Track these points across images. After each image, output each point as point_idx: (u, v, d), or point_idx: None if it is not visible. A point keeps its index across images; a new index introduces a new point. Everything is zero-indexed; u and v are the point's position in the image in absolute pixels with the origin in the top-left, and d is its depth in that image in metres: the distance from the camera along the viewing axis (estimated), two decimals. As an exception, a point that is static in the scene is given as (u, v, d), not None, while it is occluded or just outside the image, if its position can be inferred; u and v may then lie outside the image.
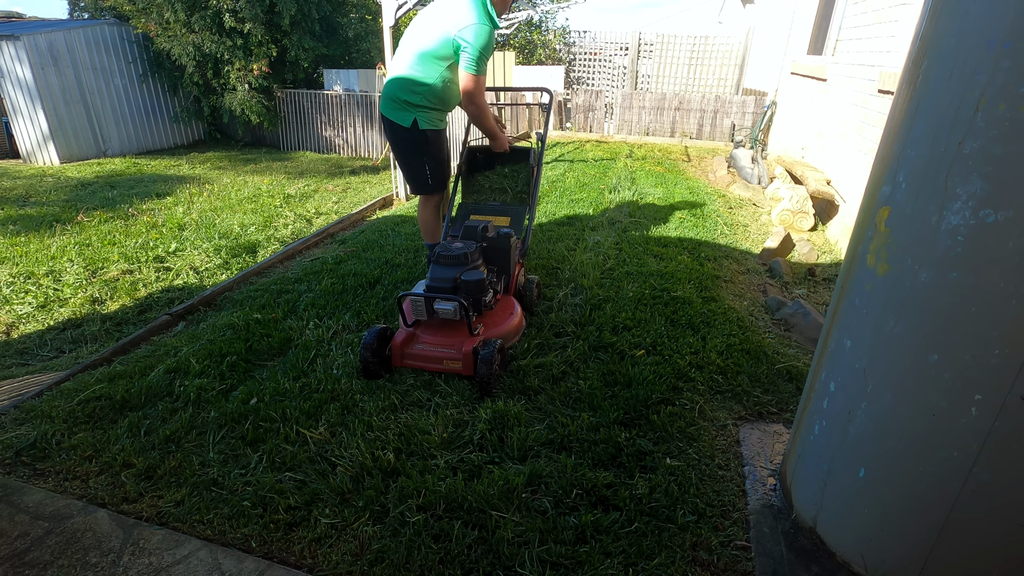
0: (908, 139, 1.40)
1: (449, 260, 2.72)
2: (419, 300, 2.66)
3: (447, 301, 2.60)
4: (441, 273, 2.70)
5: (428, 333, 2.71)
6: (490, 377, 2.48)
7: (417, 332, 2.72)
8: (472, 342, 2.58)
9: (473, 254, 2.76)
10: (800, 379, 2.67)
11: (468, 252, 2.74)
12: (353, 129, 10.41)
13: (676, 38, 12.17)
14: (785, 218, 5.32)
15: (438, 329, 2.72)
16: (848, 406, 1.59)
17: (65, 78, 9.09)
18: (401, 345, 2.65)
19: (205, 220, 5.70)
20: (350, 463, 2.10)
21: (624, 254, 4.24)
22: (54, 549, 1.76)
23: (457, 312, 2.61)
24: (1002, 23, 1.17)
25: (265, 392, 2.54)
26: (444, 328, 2.72)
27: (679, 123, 9.93)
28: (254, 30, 9.20)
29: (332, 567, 1.71)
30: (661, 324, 3.15)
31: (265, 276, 4.10)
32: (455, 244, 2.81)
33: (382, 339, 2.65)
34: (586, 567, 1.70)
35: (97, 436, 2.28)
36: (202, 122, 11.14)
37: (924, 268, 1.35)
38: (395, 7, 5.64)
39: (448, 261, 2.72)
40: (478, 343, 2.58)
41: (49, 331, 3.52)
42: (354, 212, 5.83)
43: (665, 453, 2.17)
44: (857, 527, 1.61)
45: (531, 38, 13.80)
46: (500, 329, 2.79)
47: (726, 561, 1.73)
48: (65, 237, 5.14)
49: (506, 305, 2.98)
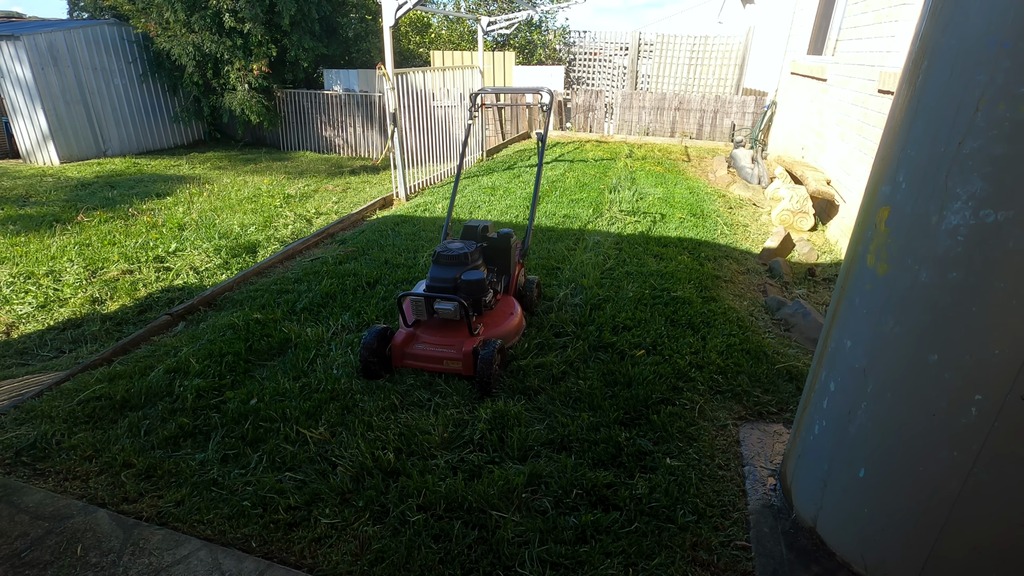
0: (908, 139, 1.40)
1: (449, 260, 2.72)
2: (419, 300, 2.66)
3: (447, 301, 2.59)
4: (441, 273, 2.70)
5: (428, 333, 2.70)
6: (490, 377, 2.47)
7: (417, 332, 2.72)
8: (472, 342, 2.57)
9: (473, 254, 2.76)
10: (800, 379, 2.67)
11: (468, 252, 2.73)
12: (353, 129, 10.41)
13: (676, 38, 12.16)
14: (785, 218, 5.32)
15: (438, 329, 2.71)
16: (848, 406, 1.58)
17: (65, 78, 9.09)
18: (401, 345, 2.64)
19: (205, 220, 5.70)
20: (350, 463, 2.10)
21: (624, 254, 4.24)
22: (54, 549, 1.76)
23: (457, 312, 2.61)
24: (1002, 23, 1.17)
25: (265, 392, 2.54)
26: (444, 328, 2.72)
27: (679, 123, 9.93)
28: (254, 30, 9.20)
29: (332, 567, 1.71)
30: (661, 324, 3.15)
31: (265, 276, 4.10)
32: (455, 244, 2.79)
33: (382, 339, 2.64)
34: (586, 567, 1.70)
35: (97, 436, 2.28)
36: (202, 122, 11.14)
37: (924, 268, 1.35)
38: (395, 7, 5.64)
39: (448, 261, 2.72)
40: (478, 343, 2.57)
41: (49, 331, 3.52)
42: (354, 212, 5.83)
43: (665, 453, 2.17)
44: (857, 527, 1.61)
45: (531, 38, 13.80)
46: (500, 329, 2.78)
47: (726, 561, 1.73)
48: (65, 237, 5.14)
49: (506, 305, 2.98)
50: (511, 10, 14.37)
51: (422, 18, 13.74)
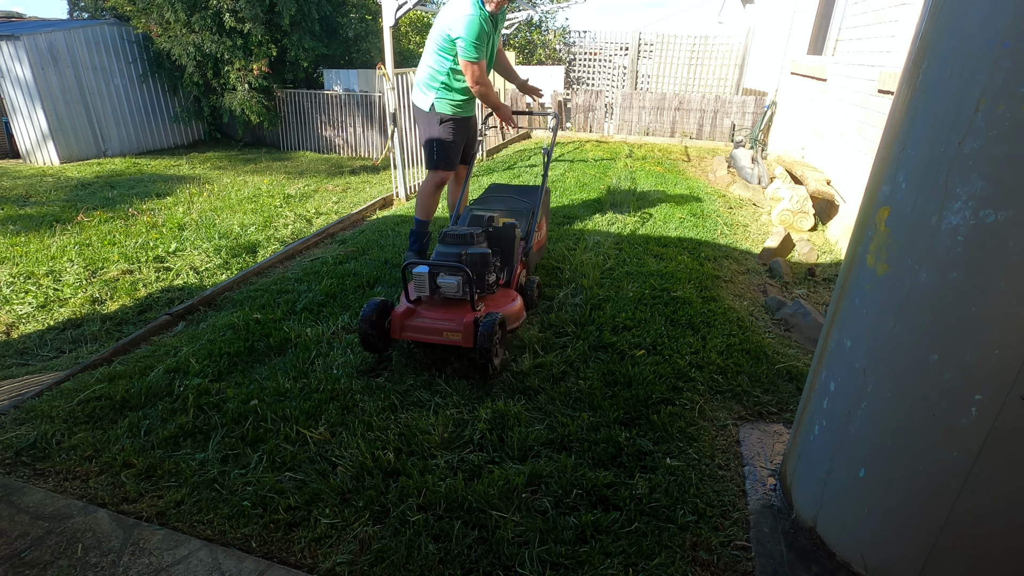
0: (908, 139, 1.40)
1: (455, 239, 2.78)
2: (422, 275, 2.68)
3: (451, 275, 2.63)
4: (446, 250, 2.75)
5: (429, 308, 2.73)
6: (490, 350, 2.46)
7: (418, 308, 2.73)
8: (473, 315, 2.59)
9: (479, 236, 2.84)
10: (800, 379, 2.67)
11: (474, 232, 2.82)
12: (353, 129, 10.41)
13: (676, 38, 12.16)
14: (785, 218, 5.32)
15: (440, 306, 2.74)
16: (848, 406, 1.59)
17: (65, 78, 9.09)
18: (401, 317, 2.64)
19: (205, 220, 5.69)
20: (350, 463, 2.10)
21: (624, 254, 4.24)
22: (54, 549, 1.76)
23: (460, 288, 2.63)
24: (1002, 23, 1.17)
25: (265, 392, 2.54)
26: (446, 304, 2.75)
27: (679, 123, 9.93)
28: (254, 30, 9.20)
29: (332, 567, 1.71)
30: (661, 324, 3.15)
31: (265, 276, 4.10)
32: (461, 227, 2.87)
33: (382, 312, 2.67)
34: (586, 567, 1.70)
35: (97, 436, 2.28)
36: (202, 122, 11.14)
37: (924, 268, 1.35)
38: (395, 7, 5.64)
39: (454, 240, 2.78)
40: (480, 315, 2.60)
41: (49, 331, 3.52)
42: (354, 212, 5.82)
43: (665, 453, 2.17)
44: (857, 527, 1.61)
45: (531, 38, 13.80)
46: (502, 309, 2.79)
47: (726, 561, 1.73)
48: (65, 237, 5.14)
49: (507, 294, 3.00)
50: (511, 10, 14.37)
51: (422, 18, 13.74)
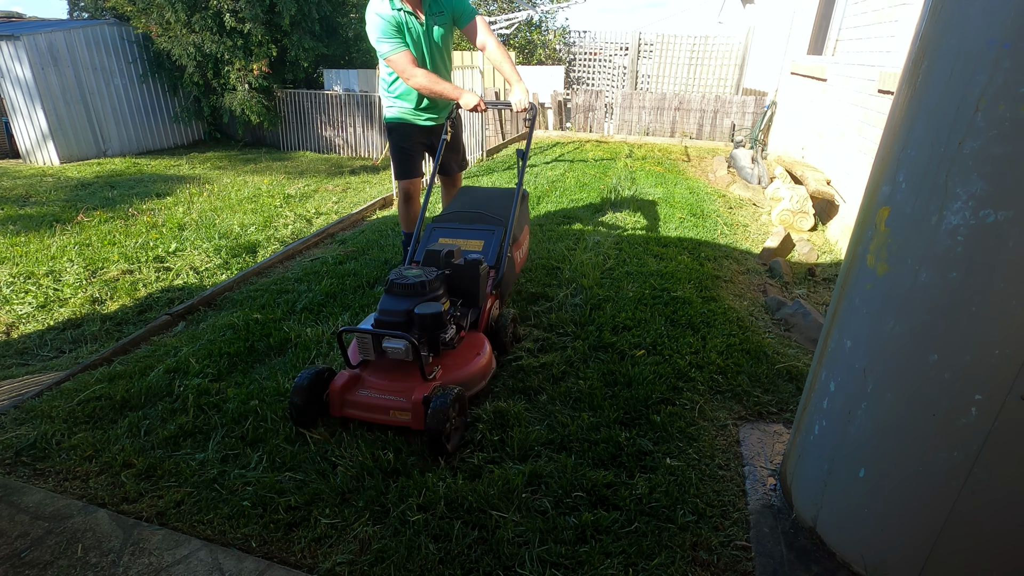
0: (908, 139, 1.40)
1: (402, 290, 2.32)
2: (365, 337, 2.26)
3: (396, 339, 2.20)
4: (393, 305, 2.30)
5: (376, 376, 2.31)
6: (441, 433, 2.05)
7: (363, 375, 2.32)
8: (424, 389, 2.17)
9: (432, 283, 2.35)
10: (800, 379, 2.67)
11: (426, 281, 2.33)
12: (353, 129, 10.41)
13: (676, 38, 12.17)
14: (785, 218, 5.32)
15: (387, 372, 2.32)
16: (848, 406, 1.59)
17: (65, 78, 9.09)
18: (341, 391, 2.23)
19: (205, 220, 5.69)
20: (350, 463, 2.10)
21: (624, 254, 4.24)
22: (54, 549, 1.76)
23: (409, 352, 2.21)
24: (1002, 23, 1.17)
25: (265, 392, 2.54)
26: (395, 371, 2.32)
27: (679, 123, 9.93)
28: (254, 30, 9.20)
29: (332, 567, 1.71)
30: (661, 324, 3.15)
31: (265, 276, 4.10)
32: (412, 271, 2.42)
33: (319, 381, 2.25)
34: (586, 567, 1.70)
35: (97, 436, 2.28)
36: (202, 122, 11.15)
37: (924, 268, 1.35)
38: (395, 7, 5.62)
39: (401, 291, 2.32)
40: (432, 390, 2.17)
41: (49, 331, 3.52)
42: (354, 212, 5.82)
43: (665, 453, 2.17)
44: (857, 527, 1.61)
45: (531, 38, 13.80)
46: (462, 372, 2.39)
47: (726, 561, 1.73)
48: (65, 237, 5.14)
49: (473, 343, 2.56)
50: (511, 10, 14.38)
51: (422, 18, 13.73)
